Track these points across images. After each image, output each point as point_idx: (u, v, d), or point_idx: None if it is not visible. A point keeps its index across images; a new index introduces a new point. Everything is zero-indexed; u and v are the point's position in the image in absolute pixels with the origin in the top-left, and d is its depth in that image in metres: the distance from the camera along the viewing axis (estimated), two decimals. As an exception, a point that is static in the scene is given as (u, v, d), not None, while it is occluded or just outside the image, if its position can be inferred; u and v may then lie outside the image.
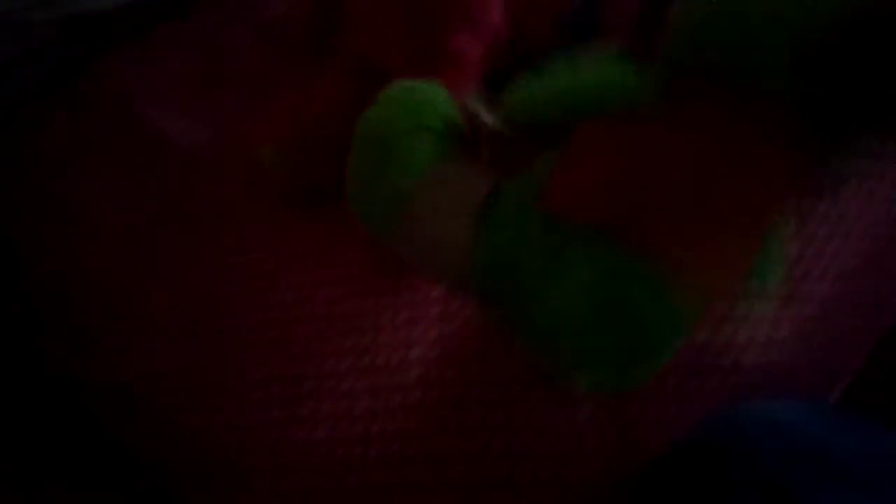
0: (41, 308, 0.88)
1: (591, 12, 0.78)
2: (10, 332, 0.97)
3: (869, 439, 0.44)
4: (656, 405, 0.58)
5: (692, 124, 0.41)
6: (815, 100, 0.40)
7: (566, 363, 0.44)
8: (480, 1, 0.70)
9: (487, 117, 0.51)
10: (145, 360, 0.74)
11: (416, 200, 0.49)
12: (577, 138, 0.44)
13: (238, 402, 0.67)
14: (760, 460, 0.44)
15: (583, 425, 0.58)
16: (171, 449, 0.74)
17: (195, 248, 0.80)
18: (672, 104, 0.43)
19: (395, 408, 0.61)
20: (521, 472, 0.56)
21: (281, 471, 0.62)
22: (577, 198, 0.42)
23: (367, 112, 0.52)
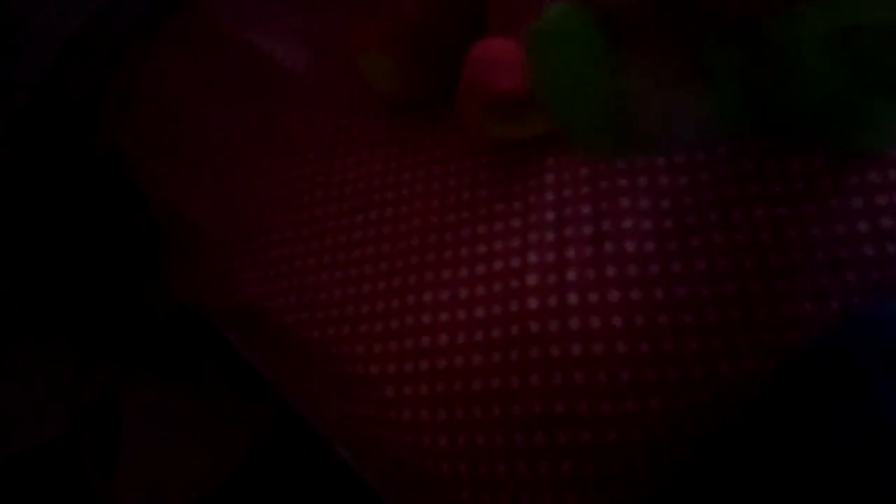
0: (162, 235, 0.92)
1: None
2: (137, 262, 1.03)
3: None
4: (790, 305, 0.55)
5: None
6: None
7: None
8: None
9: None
10: (264, 281, 0.77)
11: (631, 93, 0.47)
12: None
13: (360, 314, 0.69)
14: None
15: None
16: (297, 365, 0.77)
17: (305, 170, 0.81)
18: None
19: (513, 314, 0.61)
20: (646, 375, 0.55)
21: (408, 377, 0.63)
22: None
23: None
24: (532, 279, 0.62)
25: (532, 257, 0.63)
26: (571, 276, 0.60)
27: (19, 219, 1.01)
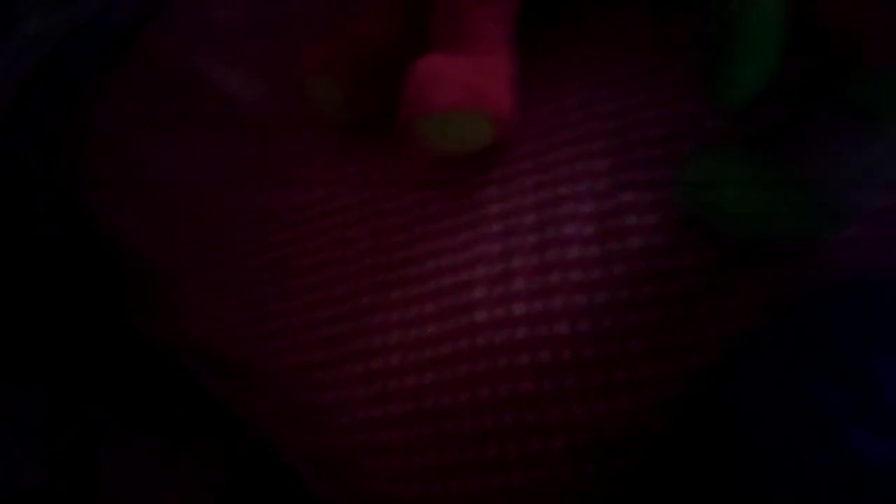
0: (123, 275, 0.92)
1: None
2: (103, 297, 1.02)
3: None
4: (734, 299, 0.54)
5: None
6: None
7: None
8: None
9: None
10: (219, 314, 0.76)
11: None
12: None
13: (313, 342, 0.68)
14: (832, 342, 0.41)
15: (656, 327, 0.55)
16: (258, 398, 0.76)
17: (257, 199, 0.81)
18: None
19: (462, 328, 0.60)
20: (593, 379, 0.54)
21: (361, 401, 0.62)
22: None
23: None
24: (480, 292, 0.61)
25: (479, 270, 0.63)
26: (518, 285, 0.60)
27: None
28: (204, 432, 1.05)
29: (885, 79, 0.40)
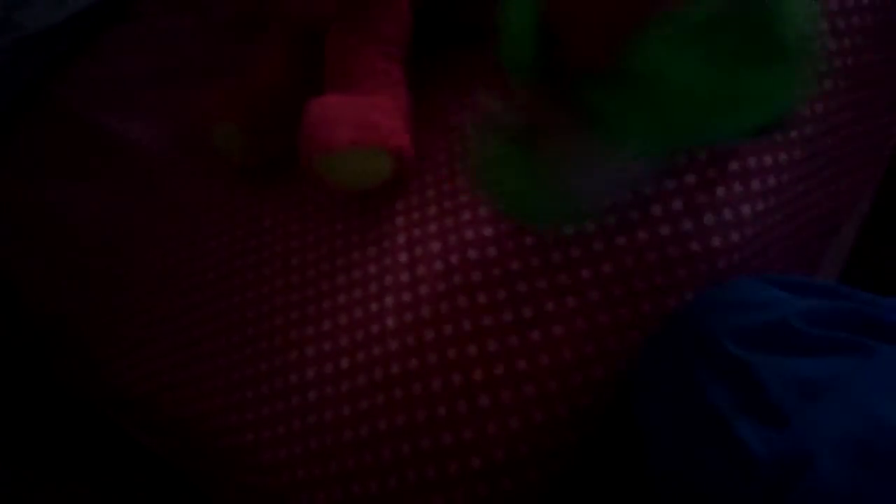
0: (39, 327, 0.90)
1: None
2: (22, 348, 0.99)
3: (829, 306, 0.44)
4: (631, 308, 0.57)
5: None
6: None
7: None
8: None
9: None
10: (136, 366, 0.75)
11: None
12: None
13: (231, 384, 0.68)
14: (716, 343, 0.44)
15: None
16: (181, 444, 0.75)
17: (167, 247, 0.80)
18: None
19: (376, 358, 0.61)
20: (504, 396, 0.56)
21: (281, 439, 0.63)
22: None
23: None
24: (391, 322, 0.63)
25: (389, 300, 0.64)
26: (426, 312, 0.61)
27: None
28: (136, 486, 1.02)
29: (603, 81, 0.44)
